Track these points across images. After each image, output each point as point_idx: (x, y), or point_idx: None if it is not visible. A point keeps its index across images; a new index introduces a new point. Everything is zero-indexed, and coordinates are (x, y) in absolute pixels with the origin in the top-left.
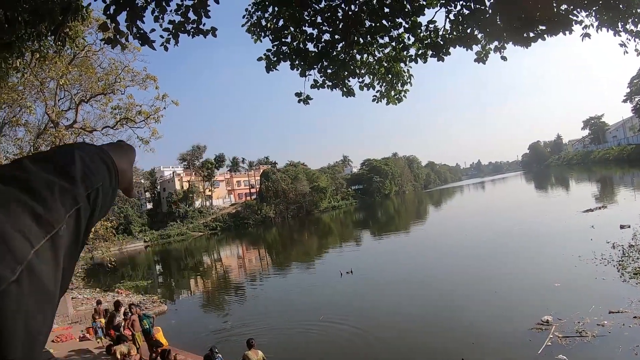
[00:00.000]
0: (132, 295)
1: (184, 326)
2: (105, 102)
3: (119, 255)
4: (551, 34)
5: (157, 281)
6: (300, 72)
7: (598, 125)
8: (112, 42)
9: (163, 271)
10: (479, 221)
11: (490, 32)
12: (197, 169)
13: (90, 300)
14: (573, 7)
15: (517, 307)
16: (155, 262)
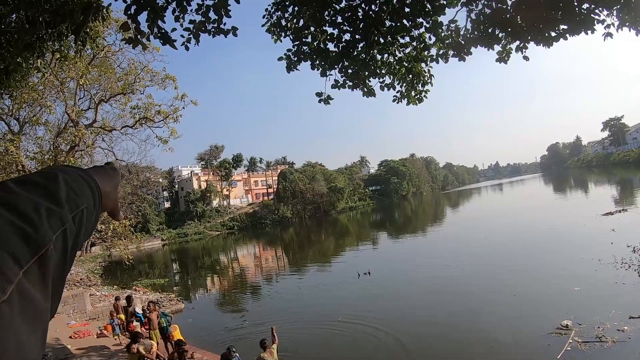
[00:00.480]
0: (149, 293)
1: (201, 325)
2: (125, 101)
3: (137, 253)
4: (573, 33)
5: (174, 279)
6: (320, 72)
7: (618, 127)
8: (134, 42)
9: (180, 269)
10: (497, 224)
11: (512, 31)
12: (214, 168)
13: (108, 297)
14: (595, 6)
15: (536, 311)
16: (173, 261)
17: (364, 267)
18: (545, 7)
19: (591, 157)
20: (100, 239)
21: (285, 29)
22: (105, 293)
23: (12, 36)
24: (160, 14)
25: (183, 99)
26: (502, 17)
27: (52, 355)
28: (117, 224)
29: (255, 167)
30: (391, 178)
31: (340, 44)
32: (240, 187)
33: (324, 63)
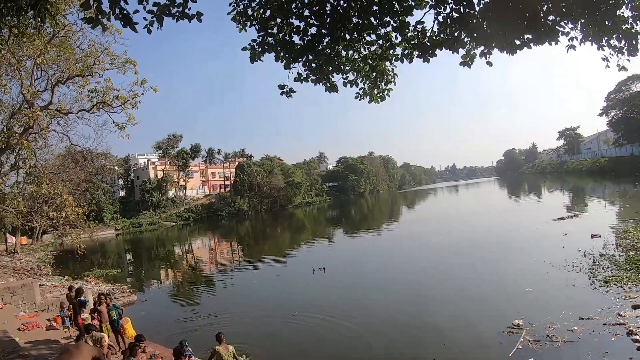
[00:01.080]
0: (101, 284)
1: (154, 317)
2: (83, 84)
3: (89, 242)
4: (537, 43)
5: (127, 270)
6: (284, 64)
7: (573, 137)
8: (93, 22)
9: (133, 260)
10: (452, 224)
11: (478, 36)
12: (172, 158)
13: (58, 288)
14: (560, 19)
15: (489, 311)
16: (126, 251)
17: (318, 263)
18: (512, 16)
19: (546, 164)
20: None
21: (252, 18)
22: (56, 283)
23: None
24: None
25: (143, 84)
26: (469, 21)
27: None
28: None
29: (213, 158)
30: (349, 175)
31: (305, 38)
32: (197, 178)
33: (288, 55)
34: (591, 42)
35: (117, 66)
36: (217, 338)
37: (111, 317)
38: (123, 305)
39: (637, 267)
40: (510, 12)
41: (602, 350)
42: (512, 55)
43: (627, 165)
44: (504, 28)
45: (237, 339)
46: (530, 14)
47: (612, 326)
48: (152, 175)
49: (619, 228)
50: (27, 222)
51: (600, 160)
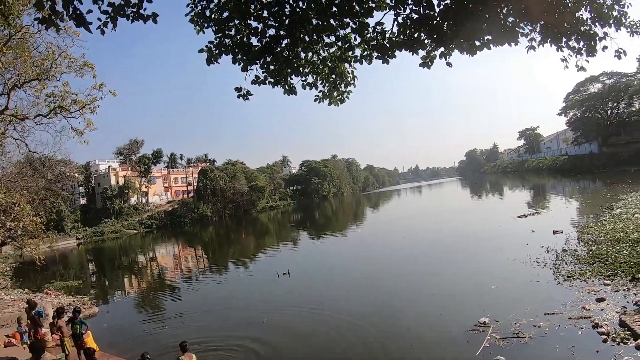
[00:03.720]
0: (62, 296)
1: (116, 330)
2: (40, 88)
3: (50, 253)
4: (497, 44)
5: (90, 281)
6: (242, 66)
7: (533, 136)
8: (47, 21)
9: (96, 270)
10: (416, 225)
11: (437, 38)
12: (133, 164)
13: (17, 302)
14: (520, 20)
15: (455, 310)
16: (88, 261)
17: (283, 268)
18: (471, 17)
19: (507, 164)
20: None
21: (209, 19)
22: (15, 297)
23: None
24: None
25: (101, 88)
26: (429, 23)
27: None
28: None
29: (175, 163)
30: (312, 178)
31: (263, 39)
32: (160, 184)
33: (246, 58)
34: (550, 43)
35: (75, 69)
36: (181, 347)
37: (74, 330)
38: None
39: (599, 261)
40: (470, 13)
41: (568, 345)
42: (472, 56)
43: (586, 163)
44: (463, 29)
45: (203, 348)
46: (490, 15)
47: (578, 320)
48: (114, 182)
49: (580, 224)
50: None
51: (559, 159)
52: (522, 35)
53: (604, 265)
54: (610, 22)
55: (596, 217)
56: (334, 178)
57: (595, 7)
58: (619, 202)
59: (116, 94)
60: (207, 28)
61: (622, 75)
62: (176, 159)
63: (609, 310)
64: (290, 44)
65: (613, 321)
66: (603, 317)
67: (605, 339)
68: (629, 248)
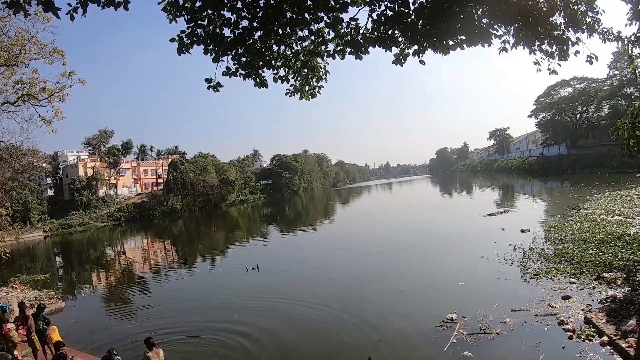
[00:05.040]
0: (28, 291)
1: (83, 325)
2: (8, 74)
3: (15, 245)
4: (470, 44)
5: (57, 275)
6: (213, 57)
7: (503, 137)
8: (15, 5)
9: (63, 264)
10: (385, 222)
11: (411, 36)
12: (102, 154)
13: None
14: (494, 22)
15: (423, 306)
16: (55, 254)
17: (252, 262)
18: (446, 16)
19: (477, 163)
20: None
21: (182, 9)
22: None
23: None
24: None
25: (71, 76)
26: (404, 20)
27: None
28: None
29: (145, 155)
30: (283, 173)
31: (236, 30)
32: (129, 175)
33: (218, 48)
34: (523, 46)
35: (44, 56)
36: (147, 343)
37: (37, 326)
38: (50, 313)
39: (565, 260)
40: (444, 13)
41: (535, 341)
42: (445, 55)
43: (555, 164)
44: (437, 28)
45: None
46: (465, 15)
47: (544, 317)
48: (82, 173)
49: (547, 223)
50: None
51: (528, 159)
52: (495, 37)
53: (570, 264)
54: (583, 27)
55: (563, 217)
56: (305, 173)
57: (569, 13)
58: (586, 203)
59: (86, 83)
60: (179, 17)
61: (592, 80)
62: (146, 150)
63: (575, 308)
64: (263, 36)
65: (578, 318)
66: (569, 315)
67: (571, 335)
68: (594, 248)
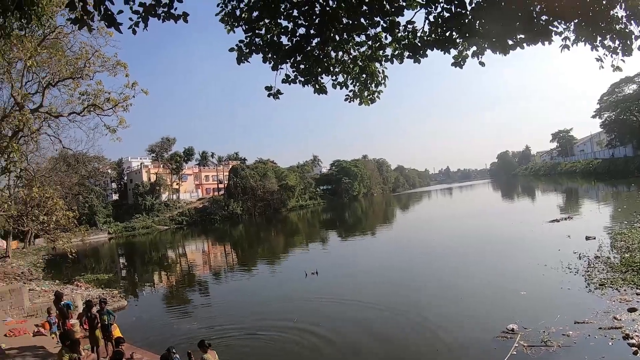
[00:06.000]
0: (92, 289)
1: (144, 323)
2: (74, 87)
3: (82, 246)
4: (530, 43)
5: (120, 275)
6: (272, 65)
7: (566, 139)
8: (79, 22)
9: (126, 264)
10: (446, 227)
11: (470, 37)
12: (165, 161)
13: (48, 292)
14: (553, 19)
15: (483, 315)
16: (119, 255)
17: (312, 267)
18: (504, 16)
19: (539, 166)
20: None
21: (239, 19)
22: (46, 288)
23: None
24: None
25: (134, 87)
26: (461, 21)
27: None
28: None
29: (206, 161)
30: (343, 178)
31: (294, 38)
32: (191, 181)
33: (276, 57)
34: (584, 42)
35: (108, 68)
36: (202, 346)
37: (102, 321)
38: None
39: (632, 270)
40: (502, 11)
41: (597, 355)
42: (505, 55)
43: (621, 166)
44: (496, 28)
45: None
46: (523, 13)
47: (608, 330)
48: (146, 179)
49: (614, 230)
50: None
51: (593, 162)
52: (555, 34)
53: (637, 274)
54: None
55: (630, 224)
56: (364, 178)
57: (630, 5)
58: None
59: (148, 93)
60: (237, 27)
61: None
62: (207, 157)
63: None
64: (320, 43)
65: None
66: (635, 328)
67: (636, 351)
68: None
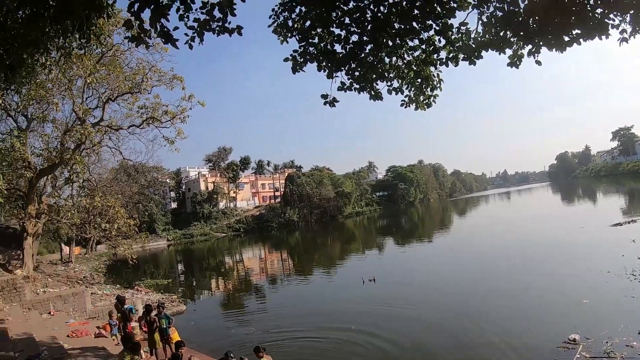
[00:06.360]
0: (152, 294)
1: (202, 327)
2: (132, 101)
3: (141, 252)
4: (586, 38)
5: (178, 280)
6: (327, 73)
7: (627, 137)
8: (137, 40)
9: (184, 270)
10: (505, 232)
11: (524, 35)
12: (222, 170)
13: (109, 296)
14: (608, 11)
15: (544, 324)
16: (177, 261)
17: (369, 274)
18: (558, 11)
19: (600, 167)
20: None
21: (292, 29)
22: (107, 292)
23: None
24: (164, 11)
25: (190, 99)
26: (514, 20)
27: (48, 353)
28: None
29: (262, 170)
30: (399, 184)
31: (347, 46)
32: (248, 189)
33: (330, 65)
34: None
35: (164, 82)
36: (258, 351)
37: (160, 325)
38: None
39: None
40: (555, 7)
41: None
42: (562, 52)
43: None
44: (551, 24)
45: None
46: (577, 7)
47: None
48: (203, 188)
49: None
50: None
51: None
52: (612, 27)
53: None
54: None
55: None
56: (421, 184)
57: None
58: None
59: (205, 105)
60: (290, 38)
61: None
62: (263, 165)
63: None
64: (373, 49)
65: None
66: None
67: None
68: None
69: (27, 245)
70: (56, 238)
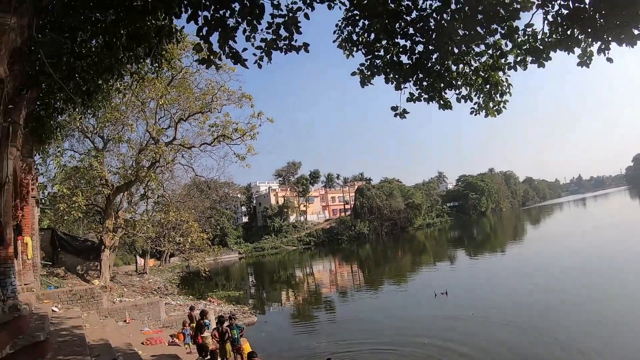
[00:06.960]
0: (224, 305)
1: (273, 339)
2: (203, 120)
3: (214, 265)
4: None
5: (249, 292)
6: (395, 85)
7: None
8: (207, 62)
9: (255, 283)
10: (581, 242)
11: (592, 32)
12: (292, 184)
13: (182, 307)
14: None
15: (623, 342)
16: (248, 274)
17: (440, 287)
18: (626, 3)
19: None
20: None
21: (357, 43)
22: (180, 303)
23: (93, 60)
24: (231, 34)
25: (259, 116)
26: (581, 17)
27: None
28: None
29: (332, 183)
30: (469, 194)
31: (413, 56)
32: (317, 203)
33: (398, 76)
34: None
35: (233, 101)
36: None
37: (232, 335)
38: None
39: None
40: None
41: None
42: (633, 47)
43: None
44: (619, 18)
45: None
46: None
47: None
48: (273, 202)
49: None
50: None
51: None
52: None
53: None
54: None
55: None
56: (492, 193)
57: None
58: None
59: (274, 121)
60: (356, 52)
61: None
62: (333, 178)
63: None
64: (440, 57)
65: None
66: None
67: None
68: None
69: (105, 257)
70: (132, 250)
